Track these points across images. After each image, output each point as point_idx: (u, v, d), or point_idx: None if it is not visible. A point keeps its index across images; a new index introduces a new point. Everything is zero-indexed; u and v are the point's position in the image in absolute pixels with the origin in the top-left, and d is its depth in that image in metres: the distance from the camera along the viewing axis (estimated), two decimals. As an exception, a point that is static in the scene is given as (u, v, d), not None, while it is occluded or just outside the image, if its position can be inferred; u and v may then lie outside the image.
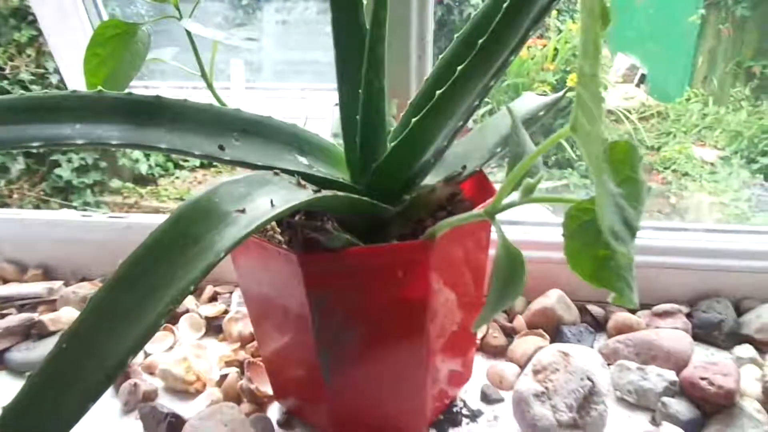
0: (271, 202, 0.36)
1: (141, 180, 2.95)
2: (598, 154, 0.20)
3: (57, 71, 2.49)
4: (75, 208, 2.58)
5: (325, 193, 0.39)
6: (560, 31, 2.77)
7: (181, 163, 3.08)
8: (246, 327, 0.65)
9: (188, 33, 0.47)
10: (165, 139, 0.40)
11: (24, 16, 2.43)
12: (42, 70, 2.51)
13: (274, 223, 0.50)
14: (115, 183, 2.87)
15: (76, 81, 0.91)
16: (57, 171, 2.63)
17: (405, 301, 0.45)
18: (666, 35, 3.67)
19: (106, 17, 0.89)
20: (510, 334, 0.65)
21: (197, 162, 3.08)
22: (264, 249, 0.44)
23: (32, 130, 0.37)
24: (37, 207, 2.53)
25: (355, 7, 0.44)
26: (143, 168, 2.91)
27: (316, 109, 0.96)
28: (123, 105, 0.40)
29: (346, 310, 0.45)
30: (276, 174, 0.41)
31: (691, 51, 3.46)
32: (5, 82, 2.43)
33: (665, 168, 3.08)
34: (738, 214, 2.71)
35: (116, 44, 0.47)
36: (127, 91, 0.41)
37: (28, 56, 2.51)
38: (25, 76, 2.46)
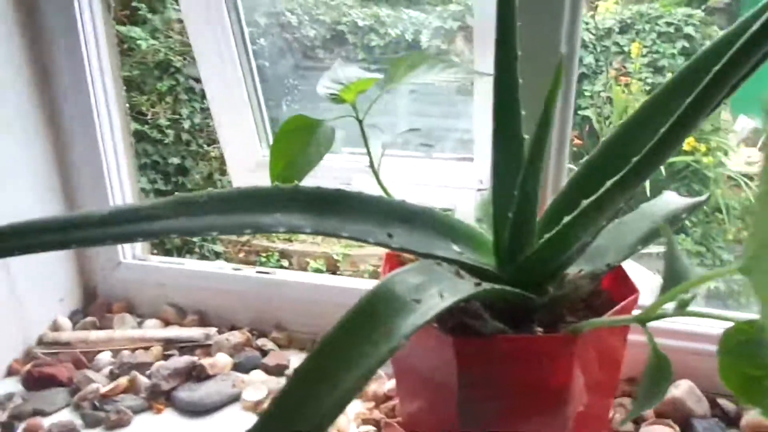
0: (441, 294, 0.41)
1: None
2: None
3: (189, 117, 2.76)
4: (194, 242, 2.76)
5: (485, 286, 0.44)
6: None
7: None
8: (380, 388, 0.71)
9: (362, 133, 0.55)
10: (346, 228, 0.47)
11: (166, 68, 2.71)
12: (177, 116, 2.77)
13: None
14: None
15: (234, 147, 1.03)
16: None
17: (547, 386, 0.48)
18: (796, 100, 3.46)
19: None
20: (637, 421, 0.66)
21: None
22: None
23: (245, 219, 0.44)
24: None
25: (515, 119, 0.49)
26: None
27: (442, 176, 1.02)
28: (314, 197, 0.47)
29: (490, 389, 0.49)
30: (438, 264, 0.47)
31: (825, 117, 3.23)
32: (146, 126, 2.72)
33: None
34: None
35: (299, 137, 0.55)
36: (315, 185, 0.49)
37: (167, 103, 2.78)
38: (162, 121, 2.73)
